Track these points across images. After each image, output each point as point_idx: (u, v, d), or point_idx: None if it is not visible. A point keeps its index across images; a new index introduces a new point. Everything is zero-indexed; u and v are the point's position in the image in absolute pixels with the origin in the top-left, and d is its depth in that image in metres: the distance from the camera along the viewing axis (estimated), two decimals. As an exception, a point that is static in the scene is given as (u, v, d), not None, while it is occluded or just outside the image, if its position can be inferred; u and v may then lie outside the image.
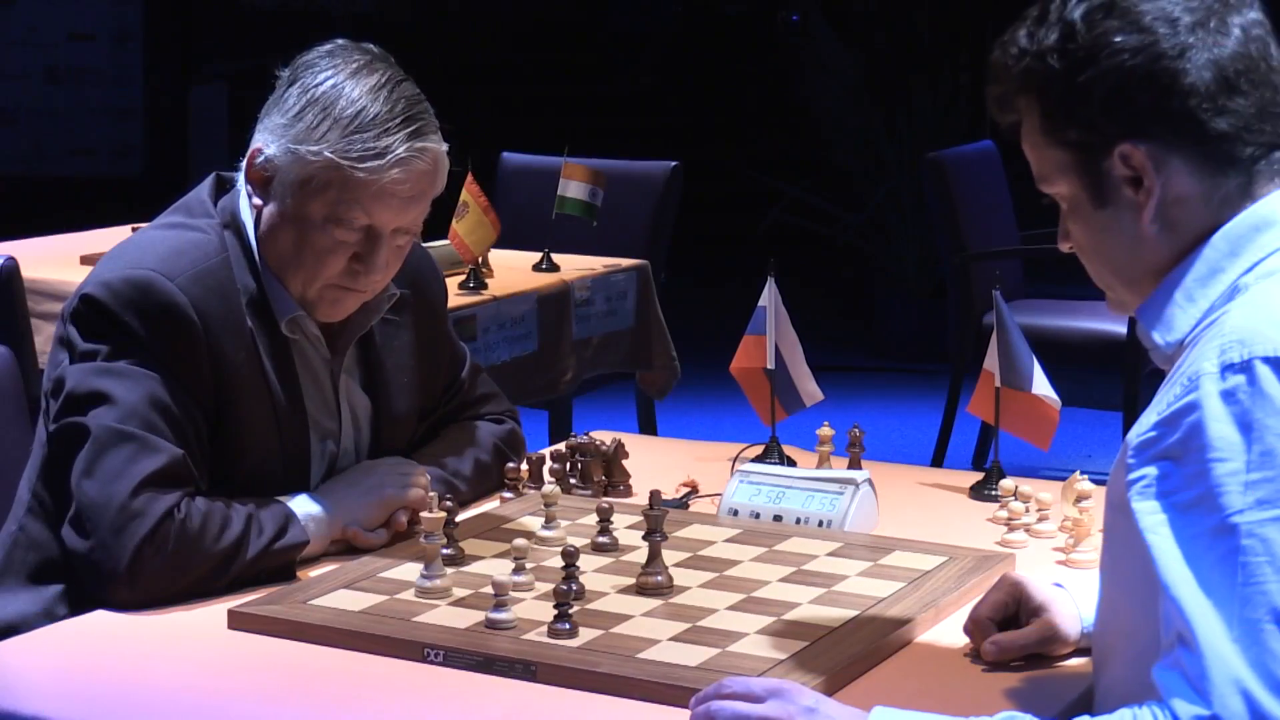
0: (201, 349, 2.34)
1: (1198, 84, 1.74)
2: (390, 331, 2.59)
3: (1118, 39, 1.75)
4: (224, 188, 2.50)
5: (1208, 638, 1.59)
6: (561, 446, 2.77)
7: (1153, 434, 1.69)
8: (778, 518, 2.52)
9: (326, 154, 2.33)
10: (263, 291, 2.42)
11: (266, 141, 2.39)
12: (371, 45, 2.45)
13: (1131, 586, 1.76)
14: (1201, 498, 1.63)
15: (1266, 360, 1.64)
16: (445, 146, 2.42)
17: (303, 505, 2.39)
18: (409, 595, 2.20)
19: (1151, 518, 1.66)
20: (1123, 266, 1.83)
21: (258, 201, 2.41)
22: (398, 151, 2.34)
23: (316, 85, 2.36)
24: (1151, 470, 1.68)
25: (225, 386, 2.37)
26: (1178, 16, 1.75)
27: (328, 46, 2.43)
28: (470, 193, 4.36)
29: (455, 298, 4.23)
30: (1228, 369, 1.65)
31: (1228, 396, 1.64)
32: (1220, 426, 1.63)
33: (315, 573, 2.32)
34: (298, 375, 2.45)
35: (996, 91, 1.87)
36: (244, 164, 2.42)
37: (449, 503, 2.32)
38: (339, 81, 2.36)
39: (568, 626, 2.05)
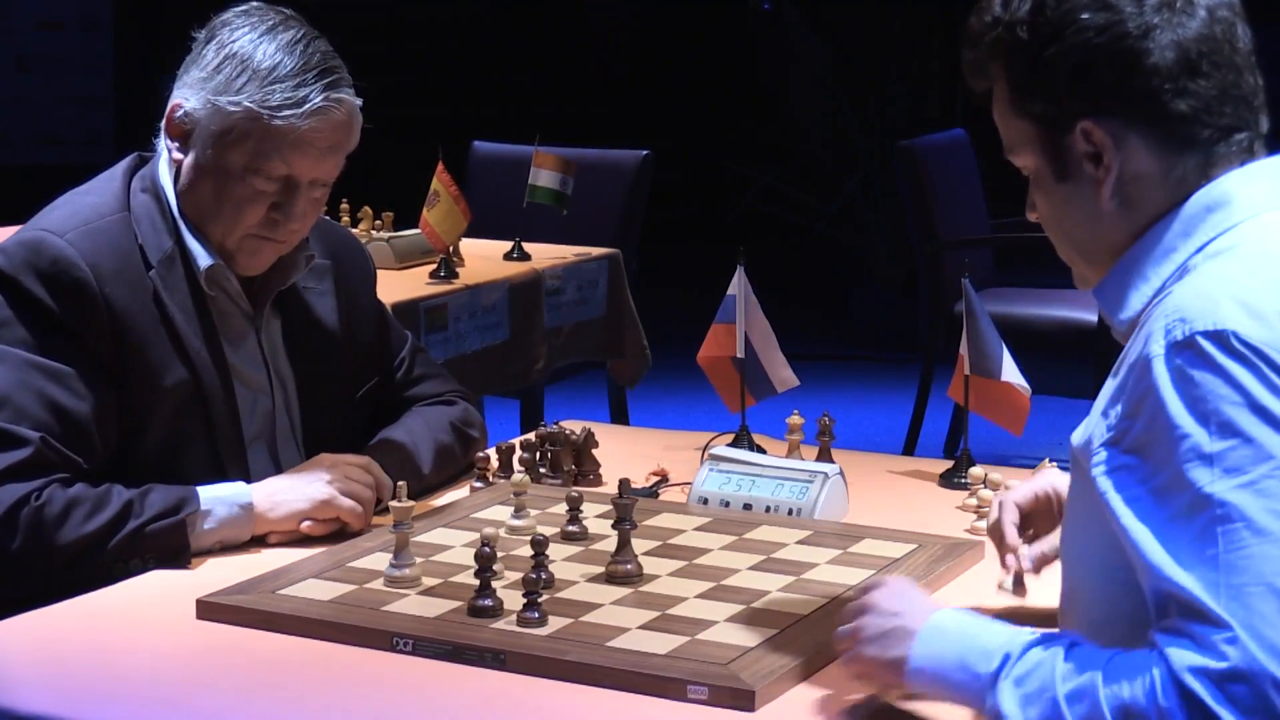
0: (97, 301, 2.40)
1: (1160, 64, 1.75)
2: (311, 299, 2.65)
3: (1084, 16, 1.76)
4: (144, 164, 2.58)
5: (1206, 605, 1.59)
6: (531, 436, 2.77)
7: (1119, 426, 1.71)
8: (747, 506, 2.52)
9: (246, 103, 2.43)
10: (183, 249, 2.48)
11: (185, 96, 2.48)
12: (285, 8, 2.54)
13: (1089, 564, 1.79)
14: (1172, 479, 1.64)
15: (1206, 335, 1.65)
16: (359, 101, 2.50)
17: (228, 490, 2.41)
18: (378, 585, 2.20)
19: (1128, 506, 1.68)
20: (1083, 241, 1.85)
21: (178, 155, 2.49)
22: (315, 101, 2.43)
23: (234, 41, 2.47)
24: (1122, 461, 1.70)
25: (125, 338, 2.41)
26: None
27: (243, 7, 2.53)
28: (441, 181, 4.35)
29: (426, 287, 4.24)
30: (1173, 348, 1.66)
31: (1177, 375, 1.65)
32: (1175, 406, 1.65)
33: (284, 562, 2.31)
34: (216, 328, 2.51)
35: (970, 56, 1.89)
36: (164, 120, 2.50)
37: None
38: (255, 38, 2.46)
39: (537, 615, 2.05)
